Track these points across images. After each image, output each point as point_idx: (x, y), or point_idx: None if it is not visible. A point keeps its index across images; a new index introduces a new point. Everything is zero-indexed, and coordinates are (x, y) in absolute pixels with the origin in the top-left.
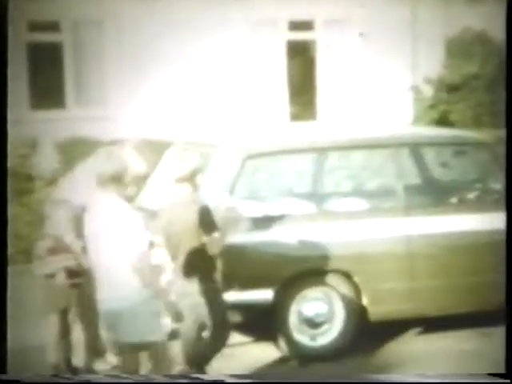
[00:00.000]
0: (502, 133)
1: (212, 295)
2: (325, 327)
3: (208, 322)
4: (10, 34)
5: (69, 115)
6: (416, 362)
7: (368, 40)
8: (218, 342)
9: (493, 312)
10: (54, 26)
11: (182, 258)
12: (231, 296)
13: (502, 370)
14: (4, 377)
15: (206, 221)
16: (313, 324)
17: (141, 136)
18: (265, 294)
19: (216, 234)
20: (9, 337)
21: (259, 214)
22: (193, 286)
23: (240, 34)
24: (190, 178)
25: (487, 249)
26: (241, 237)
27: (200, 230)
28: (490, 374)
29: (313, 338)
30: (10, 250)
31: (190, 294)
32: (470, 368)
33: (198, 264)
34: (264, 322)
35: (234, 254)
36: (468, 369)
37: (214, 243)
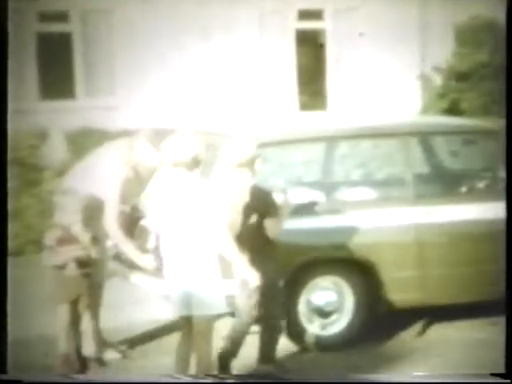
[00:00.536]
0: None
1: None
2: (334, 316)
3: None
4: (20, 25)
5: (78, 105)
6: (426, 351)
7: (377, 29)
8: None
9: (504, 301)
10: (63, 17)
11: (242, 242)
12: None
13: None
14: (4, 377)
15: (268, 204)
16: (322, 313)
17: (151, 126)
18: None
19: (277, 218)
20: (18, 327)
21: None
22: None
23: (249, 24)
24: (249, 164)
25: (497, 237)
26: None
27: (260, 214)
28: (490, 375)
29: (322, 327)
30: (20, 241)
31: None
32: (482, 357)
33: (258, 248)
34: None
35: None
36: (479, 358)
37: (276, 226)
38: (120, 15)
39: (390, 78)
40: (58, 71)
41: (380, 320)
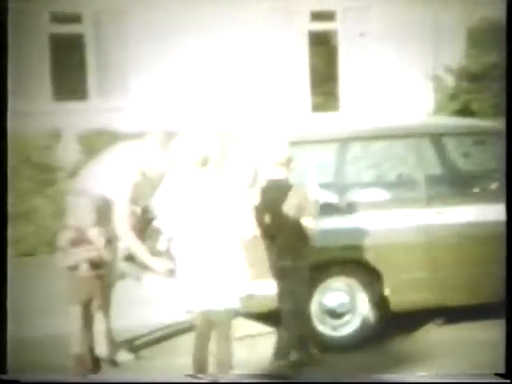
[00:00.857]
0: None
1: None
2: (347, 317)
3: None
4: (33, 26)
5: (91, 106)
6: (438, 351)
7: (389, 30)
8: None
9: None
10: (76, 18)
11: (280, 239)
12: (250, 286)
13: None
14: (4, 377)
15: (307, 203)
16: (335, 314)
17: (163, 127)
18: None
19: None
20: (31, 327)
21: None
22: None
23: (262, 25)
24: (287, 163)
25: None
26: None
27: (298, 212)
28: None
29: (334, 328)
30: (33, 241)
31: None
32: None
33: (294, 244)
34: None
35: (258, 243)
36: (491, 358)
37: (313, 224)
38: (133, 16)
39: (402, 79)
40: (70, 72)
41: (392, 321)
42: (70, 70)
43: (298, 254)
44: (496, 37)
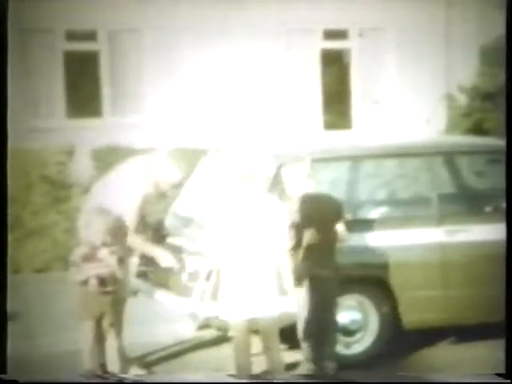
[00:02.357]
0: None
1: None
2: (359, 335)
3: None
4: (48, 44)
5: (105, 123)
6: (450, 370)
7: (402, 49)
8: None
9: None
10: (91, 35)
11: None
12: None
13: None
14: (4, 377)
15: (341, 212)
16: (347, 332)
17: (175, 144)
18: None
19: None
20: (46, 342)
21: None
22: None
23: (275, 43)
24: (311, 175)
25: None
26: None
27: (332, 221)
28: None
29: (347, 345)
30: (48, 257)
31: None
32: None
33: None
34: (297, 330)
35: None
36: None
37: (344, 233)
38: (147, 34)
39: (415, 98)
40: (85, 90)
41: (403, 339)
42: (84, 87)
43: (331, 261)
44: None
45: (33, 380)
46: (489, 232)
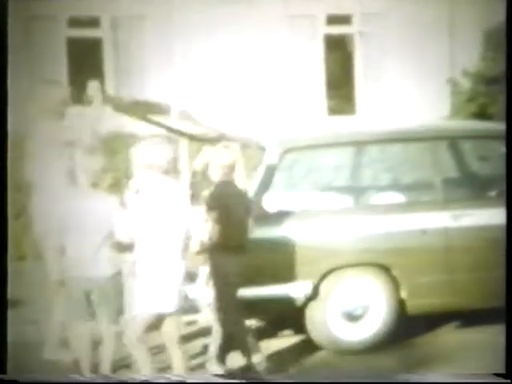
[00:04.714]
0: None
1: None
2: (363, 321)
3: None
4: (50, 30)
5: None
6: (454, 355)
7: (405, 34)
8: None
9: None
10: (94, 22)
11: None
12: (270, 289)
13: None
14: (4, 377)
15: (249, 206)
16: (351, 318)
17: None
18: (303, 288)
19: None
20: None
21: (298, 207)
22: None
23: (278, 28)
24: (231, 167)
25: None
26: (279, 230)
27: (240, 214)
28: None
29: (351, 331)
30: None
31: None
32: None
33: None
34: (302, 316)
35: (273, 247)
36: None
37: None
38: (151, 21)
39: (419, 82)
40: (88, 76)
41: (409, 324)
42: (87, 73)
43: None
44: None
45: (33, 380)
46: (493, 216)
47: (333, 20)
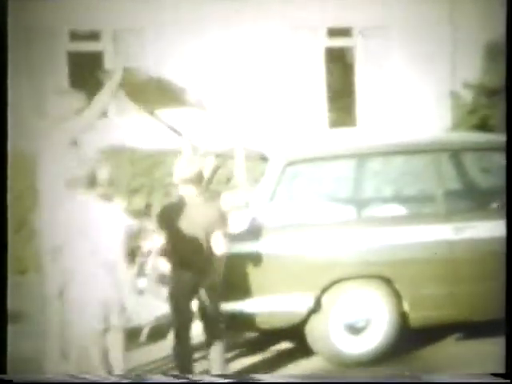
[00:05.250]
0: None
1: (213, 298)
2: (366, 334)
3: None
4: (52, 44)
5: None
6: (457, 367)
7: (406, 46)
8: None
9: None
10: (94, 35)
11: (191, 257)
12: (271, 302)
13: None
14: (4, 377)
15: (218, 220)
16: (354, 331)
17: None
18: (305, 300)
19: (221, 234)
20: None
21: (300, 219)
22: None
23: (279, 41)
24: (197, 180)
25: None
26: (281, 242)
27: (208, 229)
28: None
29: (354, 344)
30: None
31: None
32: None
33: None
34: (304, 328)
35: (275, 259)
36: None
37: (220, 243)
38: (151, 34)
39: (420, 95)
40: (89, 90)
41: (411, 337)
42: (88, 86)
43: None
44: None
45: (33, 380)
46: (495, 228)
47: (333, 33)
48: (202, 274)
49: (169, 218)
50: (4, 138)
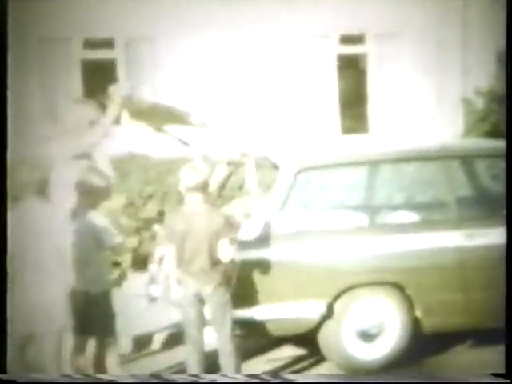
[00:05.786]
0: None
1: (221, 305)
2: (378, 341)
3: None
4: (66, 52)
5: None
6: (469, 374)
7: (418, 52)
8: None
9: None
10: (108, 43)
11: (196, 264)
12: (284, 309)
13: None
14: (4, 377)
15: (222, 227)
16: (366, 337)
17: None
18: (318, 307)
19: (228, 241)
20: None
21: (312, 226)
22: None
23: (292, 48)
24: (202, 188)
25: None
26: (293, 249)
27: (213, 237)
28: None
29: (366, 351)
30: None
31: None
32: None
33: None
34: (317, 335)
35: (287, 266)
36: None
37: (226, 250)
38: (164, 43)
39: (432, 101)
40: (102, 97)
41: (423, 343)
42: (101, 95)
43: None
44: None
45: (33, 380)
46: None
47: (346, 40)
48: (206, 282)
49: (176, 225)
50: (4, 140)
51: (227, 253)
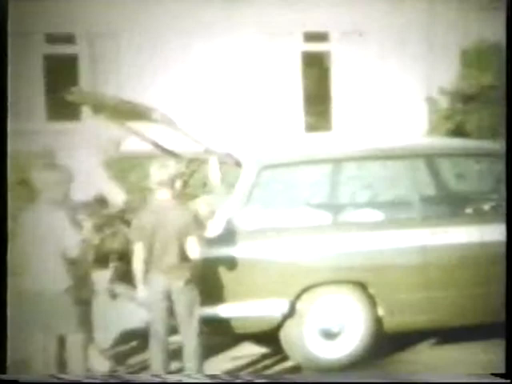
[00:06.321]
0: None
1: (190, 301)
2: (340, 339)
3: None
4: (27, 47)
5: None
6: (431, 373)
7: (383, 51)
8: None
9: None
10: (70, 39)
11: (165, 261)
12: (246, 307)
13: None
14: (4, 377)
15: (190, 223)
16: (328, 336)
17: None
18: (280, 305)
19: (196, 238)
20: None
21: (275, 224)
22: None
23: (255, 45)
24: (171, 184)
25: (503, 259)
26: (256, 247)
27: (182, 233)
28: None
29: (328, 349)
30: None
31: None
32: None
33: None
34: (278, 334)
35: (250, 264)
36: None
37: (194, 247)
38: (126, 38)
39: (397, 100)
40: (65, 93)
41: (386, 342)
42: (64, 90)
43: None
44: (491, 58)
45: (33, 380)
46: (470, 234)
47: (310, 37)
48: (176, 278)
49: (143, 221)
50: (4, 137)
51: (196, 250)
